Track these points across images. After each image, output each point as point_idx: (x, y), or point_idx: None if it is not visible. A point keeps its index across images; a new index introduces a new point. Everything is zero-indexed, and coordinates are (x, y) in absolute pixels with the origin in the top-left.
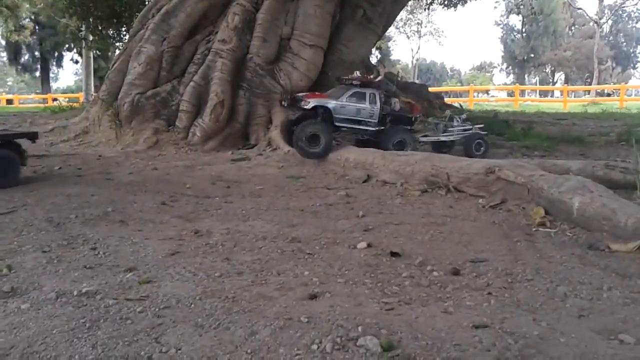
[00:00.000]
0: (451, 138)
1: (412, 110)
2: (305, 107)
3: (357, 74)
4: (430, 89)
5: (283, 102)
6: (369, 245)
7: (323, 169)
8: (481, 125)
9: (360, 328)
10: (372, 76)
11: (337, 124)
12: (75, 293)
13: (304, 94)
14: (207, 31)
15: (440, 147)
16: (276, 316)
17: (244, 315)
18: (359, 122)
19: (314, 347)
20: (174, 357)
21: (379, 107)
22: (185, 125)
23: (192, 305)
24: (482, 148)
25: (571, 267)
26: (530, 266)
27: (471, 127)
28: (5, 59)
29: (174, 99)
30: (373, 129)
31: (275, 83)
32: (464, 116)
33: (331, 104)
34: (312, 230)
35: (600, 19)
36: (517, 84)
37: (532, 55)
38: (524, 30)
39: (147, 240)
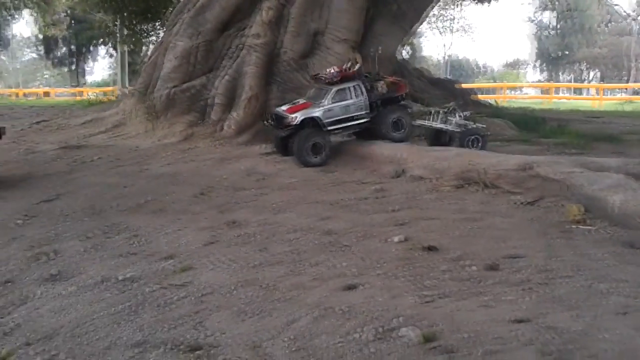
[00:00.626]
0: (446, 127)
1: (398, 89)
2: (292, 123)
3: (334, 69)
4: (462, 86)
5: (267, 122)
6: (403, 239)
7: (354, 164)
8: (483, 126)
9: (400, 319)
10: (347, 66)
11: (328, 128)
12: (118, 278)
13: (285, 107)
14: (240, 25)
15: (435, 139)
16: (315, 305)
17: (283, 303)
18: (351, 119)
19: (355, 335)
20: (217, 341)
21: (365, 96)
22: (219, 119)
23: (233, 293)
24: (479, 144)
25: (611, 264)
26: (569, 263)
27: (469, 122)
28: (41, 52)
29: (207, 93)
30: (366, 119)
31: (308, 77)
32: (467, 113)
33: (317, 112)
34: (345, 224)
35: (637, 15)
36: (550, 81)
37: (566, 52)
38: (557, 26)
39: (184, 230)
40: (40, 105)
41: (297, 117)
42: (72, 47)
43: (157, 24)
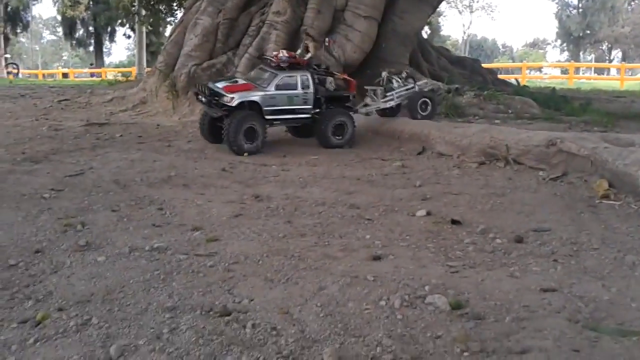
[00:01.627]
0: (392, 103)
1: (348, 88)
2: (228, 103)
3: (284, 53)
4: (483, 65)
5: (199, 97)
6: (428, 213)
7: (377, 141)
8: (425, 81)
9: (426, 287)
10: (298, 52)
11: (267, 117)
12: (147, 248)
13: (223, 84)
14: (261, 3)
15: (385, 113)
16: (342, 274)
17: (311, 272)
18: (293, 112)
19: (382, 303)
20: (247, 307)
21: (312, 90)
22: None
23: (260, 262)
24: (428, 108)
25: (638, 237)
26: (596, 236)
27: (413, 85)
28: (60, 34)
29: (229, 71)
30: (308, 115)
31: (329, 55)
32: (403, 74)
33: (258, 96)
34: (370, 198)
35: None
36: (571, 61)
37: (588, 31)
38: (580, 5)
39: (210, 203)
40: (61, 86)
41: (235, 98)
42: (91, 28)
43: (174, 4)
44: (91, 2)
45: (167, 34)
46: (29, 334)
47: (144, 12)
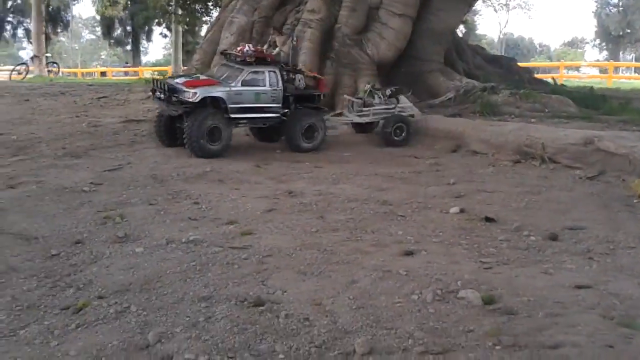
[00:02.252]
0: (366, 119)
1: (318, 86)
2: (189, 99)
3: (249, 47)
4: (519, 64)
5: (158, 93)
6: (461, 211)
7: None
8: (409, 105)
9: (459, 282)
10: (265, 47)
11: (232, 115)
12: (183, 240)
13: (183, 80)
14: (296, 1)
15: (359, 128)
16: (374, 268)
17: (343, 265)
18: (260, 110)
19: (414, 297)
20: (280, 298)
21: (281, 88)
22: None
23: (293, 255)
24: (402, 133)
25: None
26: (632, 235)
27: (394, 106)
28: (99, 33)
29: None
30: (276, 114)
31: (363, 53)
32: (387, 92)
33: (222, 92)
34: (403, 195)
35: None
36: (611, 60)
37: (628, 30)
38: (620, 4)
39: (245, 198)
40: (99, 84)
41: (198, 93)
42: (129, 27)
43: (210, 3)
44: (129, 2)
45: (202, 33)
46: (71, 320)
47: (180, 12)
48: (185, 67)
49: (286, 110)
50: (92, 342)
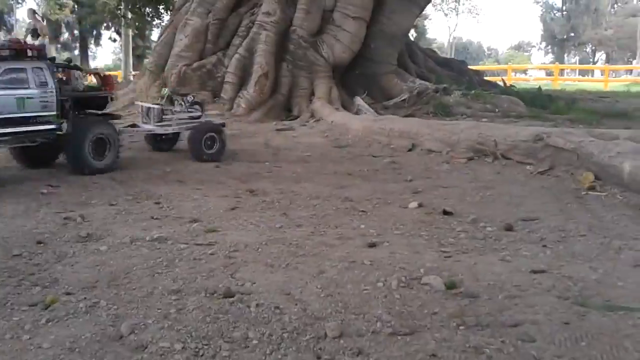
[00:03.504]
0: (170, 130)
1: (105, 86)
2: None
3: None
4: (470, 67)
5: None
6: (420, 205)
7: (368, 139)
8: (214, 114)
9: (422, 270)
10: (27, 39)
11: None
12: (147, 238)
13: None
14: (251, 4)
15: (156, 141)
16: (340, 259)
17: (309, 258)
18: (26, 122)
19: (380, 284)
20: (250, 289)
21: (53, 89)
22: (230, 97)
23: (260, 250)
24: (215, 145)
25: (623, 225)
26: (583, 224)
27: (201, 113)
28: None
29: (219, 71)
30: (52, 126)
31: (318, 55)
32: (189, 98)
33: None
34: (363, 192)
35: None
36: (556, 63)
37: (572, 34)
38: (564, 8)
39: (207, 197)
40: None
41: None
42: (76, 31)
43: (161, 7)
44: (76, 6)
45: (153, 37)
46: (40, 315)
47: (130, 16)
48: (135, 72)
49: (63, 121)
50: (65, 335)
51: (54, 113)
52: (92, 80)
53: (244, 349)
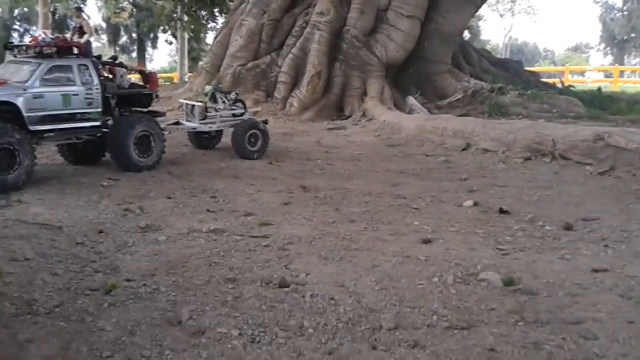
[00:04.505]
0: (213, 127)
1: (149, 83)
2: None
3: (44, 34)
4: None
5: None
6: (475, 204)
7: (420, 138)
8: (255, 111)
9: (478, 266)
10: (69, 35)
11: (33, 127)
12: (204, 230)
13: None
14: (305, 4)
15: (200, 139)
16: (394, 254)
17: (363, 252)
18: (72, 118)
19: (435, 279)
20: (304, 280)
21: (97, 86)
22: (283, 96)
23: (313, 243)
24: (258, 142)
25: None
26: None
27: (243, 111)
28: (105, 40)
29: (272, 71)
30: (96, 123)
31: (371, 55)
32: (232, 95)
33: (16, 96)
34: (416, 190)
35: None
36: (616, 64)
37: (633, 34)
38: (624, 8)
39: (260, 192)
40: None
41: None
42: (134, 34)
43: (216, 10)
44: (135, 9)
45: (207, 40)
46: (103, 300)
47: (185, 19)
48: (190, 74)
49: (108, 118)
50: (126, 319)
51: (99, 110)
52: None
53: (300, 337)
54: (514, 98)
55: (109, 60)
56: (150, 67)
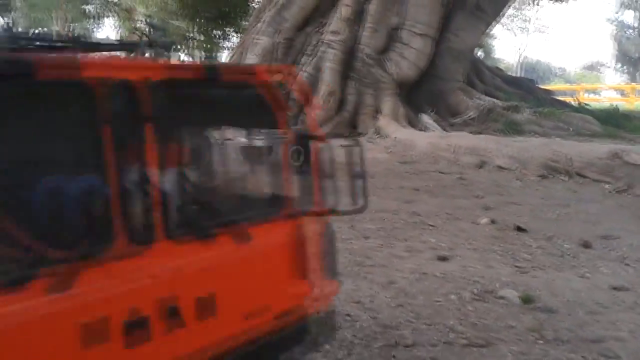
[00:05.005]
0: None
1: None
2: None
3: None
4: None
5: None
6: (492, 221)
7: (434, 155)
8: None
9: (496, 284)
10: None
11: None
12: None
13: None
14: (318, 23)
15: None
16: (410, 271)
17: (378, 268)
18: None
19: (453, 296)
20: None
21: None
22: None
23: None
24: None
25: None
26: None
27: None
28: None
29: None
30: None
31: (384, 73)
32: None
33: None
34: (431, 207)
35: None
36: (631, 83)
37: None
38: (637, 26)
39: None
40: None
41: None
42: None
43: (229, 29)
44: (150, 29)
45: (222, 59)
46: None
47: (200, 38)
48: None
49: None
50: None
51: None
52: None
53: (316, 353)
54: (528, 116)
55: None
56: None
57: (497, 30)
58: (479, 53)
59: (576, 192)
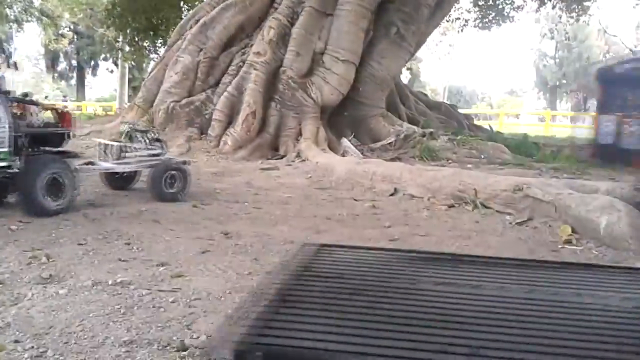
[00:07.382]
0: (130, 168)
1: (62, 122)
2: None
3: None
4: (460, 111)
5: None
6: None
7: (351, 181)
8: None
9: None
10: None
11: None
12: (110, 282)
13: None
14: (242, 43)
15: (114, 179)
16: None
17: None
18: None
19: None
20: (204, 342)
21: (8, 124)
22: (217, 134)
23: (222, 298)
24: (176, 183)
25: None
26: None
27: (162, 151)
28: (42, 66)
29: (207, 108)
30: (6, 163)
31: (307, 96)
32: (151, 135)
33: None
34: (339, 237)
35: (636, 46)
36: (548, 109)
37: (564, 81)
38: (556, 56)
39: (179, 239)
40: None
41: None
42: (74, 61)
43: (159, 41)
44: (75, 36)
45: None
46: None
47: (127, 48)
48: (129, 104)
49: (16, 158)
50: None
51: (7, 150)
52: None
53: None
54: (444, 143)
55: (21, 97)
56: (90, 95)
57: (423, 54)
58: (408, 76)
59: (479, 223)
